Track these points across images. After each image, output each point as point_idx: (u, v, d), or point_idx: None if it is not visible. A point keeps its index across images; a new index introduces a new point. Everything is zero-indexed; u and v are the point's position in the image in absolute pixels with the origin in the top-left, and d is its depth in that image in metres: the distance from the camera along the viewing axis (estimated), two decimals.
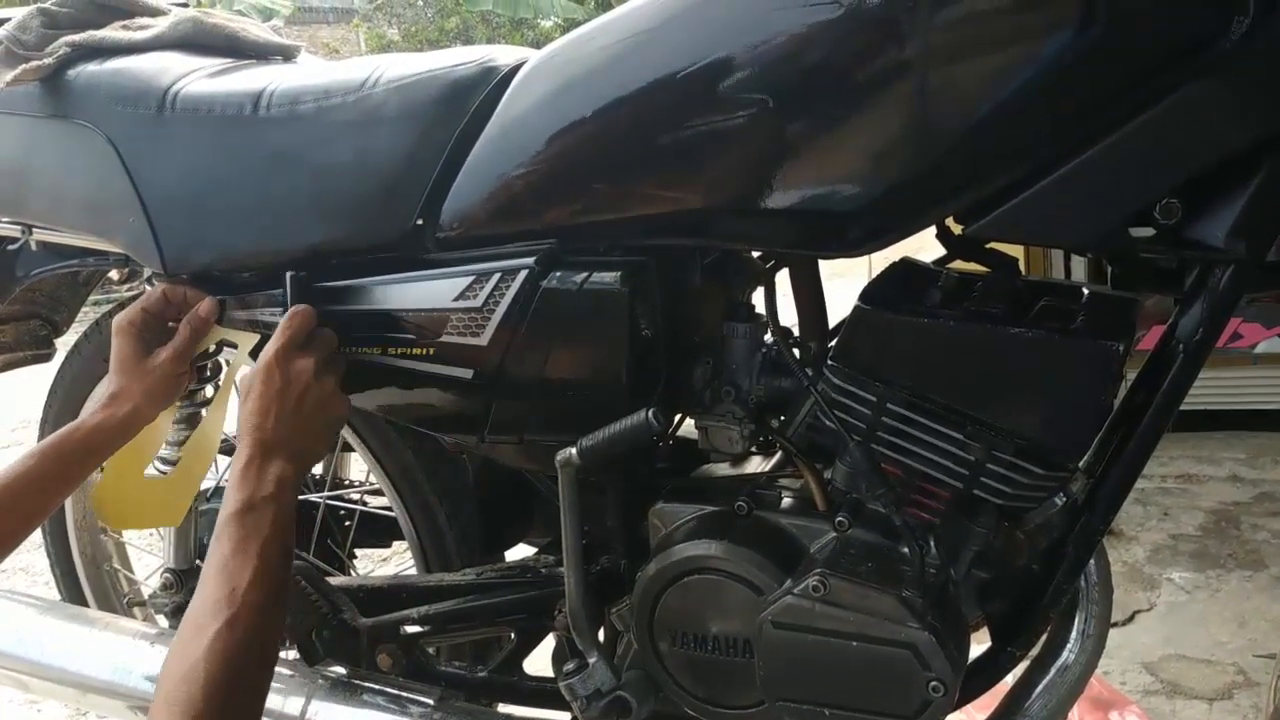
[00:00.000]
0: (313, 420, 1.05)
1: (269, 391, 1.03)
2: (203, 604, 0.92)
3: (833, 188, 0.93)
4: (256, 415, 1.03)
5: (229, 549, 0.95)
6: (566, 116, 1.00)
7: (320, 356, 1.07)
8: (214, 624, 0.89)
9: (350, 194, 1.11)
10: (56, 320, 1.63)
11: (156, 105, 1.20)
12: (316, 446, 1.07)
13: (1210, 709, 1.89)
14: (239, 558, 0.94)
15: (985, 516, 0.98)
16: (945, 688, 0.93)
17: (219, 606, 0.90)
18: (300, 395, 1.04)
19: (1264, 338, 2.88)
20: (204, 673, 0.86)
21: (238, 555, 0.94)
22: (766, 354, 1.10)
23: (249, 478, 0.99)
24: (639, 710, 1.07)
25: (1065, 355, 0.93)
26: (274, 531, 0.97)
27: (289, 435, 1.03)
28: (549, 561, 1.28)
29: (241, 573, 0.93)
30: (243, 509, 0.97)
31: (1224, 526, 2.58)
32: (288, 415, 1.03)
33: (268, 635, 0.93)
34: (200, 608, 0.92)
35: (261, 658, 0.92)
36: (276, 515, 0.98)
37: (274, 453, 1.01)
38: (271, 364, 1.05)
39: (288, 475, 1.01)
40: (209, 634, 0.88)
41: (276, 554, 0.96)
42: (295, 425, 1.03)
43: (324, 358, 1.07)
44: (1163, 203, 0.85)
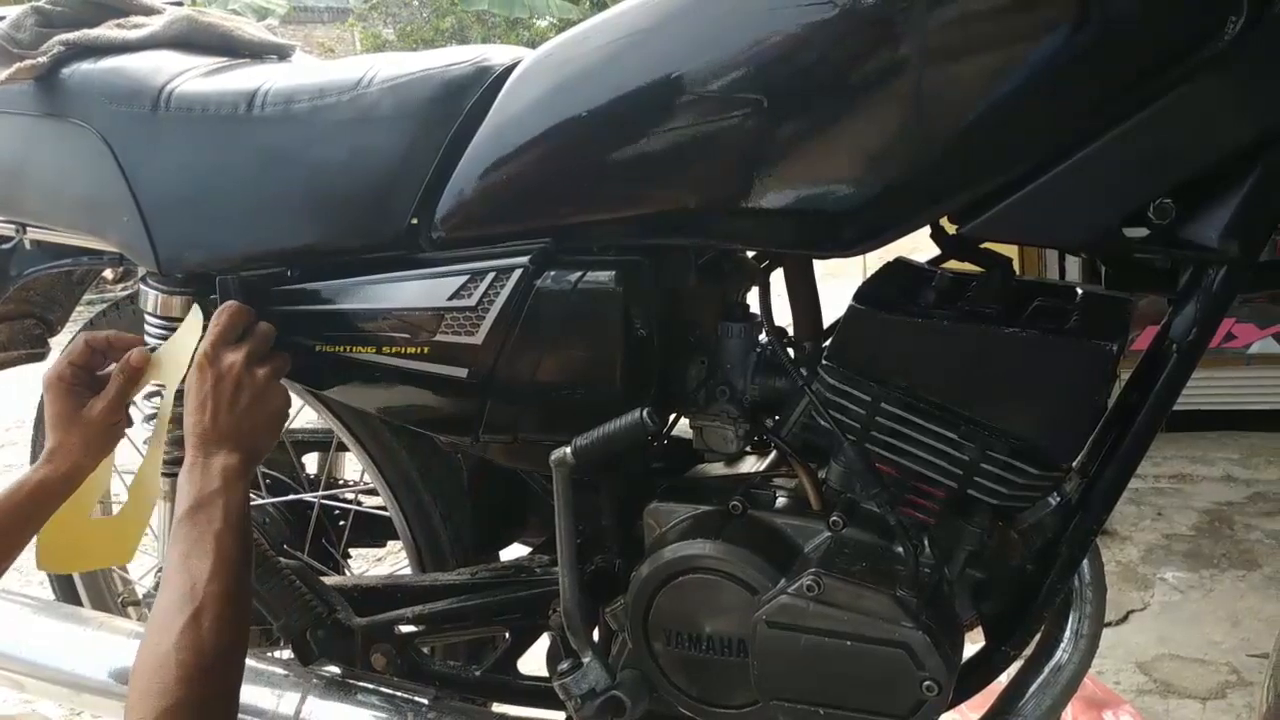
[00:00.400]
0: (251, 413, 1.05)
1: (203, 389, 1.05)
2: (167, 602, 0.94)
3: (827, 187, 0.93)
4: (195, 414, 1.05)
5: (185, 547, 0.97)
6: (561, 116, 1.00)
7: (252, 349, 1.07)
8: (180, 618, 0.91)
9: (345, 193, 1.11)
10: (51, 319, 1.62)
11: (151, 104, 1.19)
12: (260, 439, 1.07)
13: (1204, 708, 1.89)
14: (196, 553, 0.96)
15: (979, 516, 0.99)
16: (939, 687, 0.93)
17: (183, 601, 0.93)
18: (234, 389, 1.05)
19: (1258, 338, 2.89)
20: (176, 663, 0.89)
21: (194, 551, 0.96)
22: (761, 353, 1.10)
23: (195, 475, 1.01)
24: (633, 710, 1.07)
25: (1059, 355, 0.93)
26: (227, 523, 0.98)
27: (230, 430, 1.04)
28: (543, 561, 1.28)
29: (200, 567, 0.95)
30: (194, 506, 0.99)
31: (1218, 526, 2.59)
32: (224, 410, 1.04)
33: (235, 623, 0.95)
34: (164, 606, 0.94)
35: (231, 643, 0.94)
36: (227, 507, 0.99)
37: (217, 448, 1.03)
38: (203, 362, 1.06)
39: (233, 467, 1.02)
40: (176, 628, 0.91)
41: (232, 544, 0.98)
42: (234, 419, 1.04)
43: (256, 350, 1.08)
44: (1157, 203, 0.85)
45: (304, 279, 1.17)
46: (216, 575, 0.94)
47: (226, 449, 1.03)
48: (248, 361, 1.06)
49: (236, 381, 1.05)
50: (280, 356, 1.11)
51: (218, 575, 0.94)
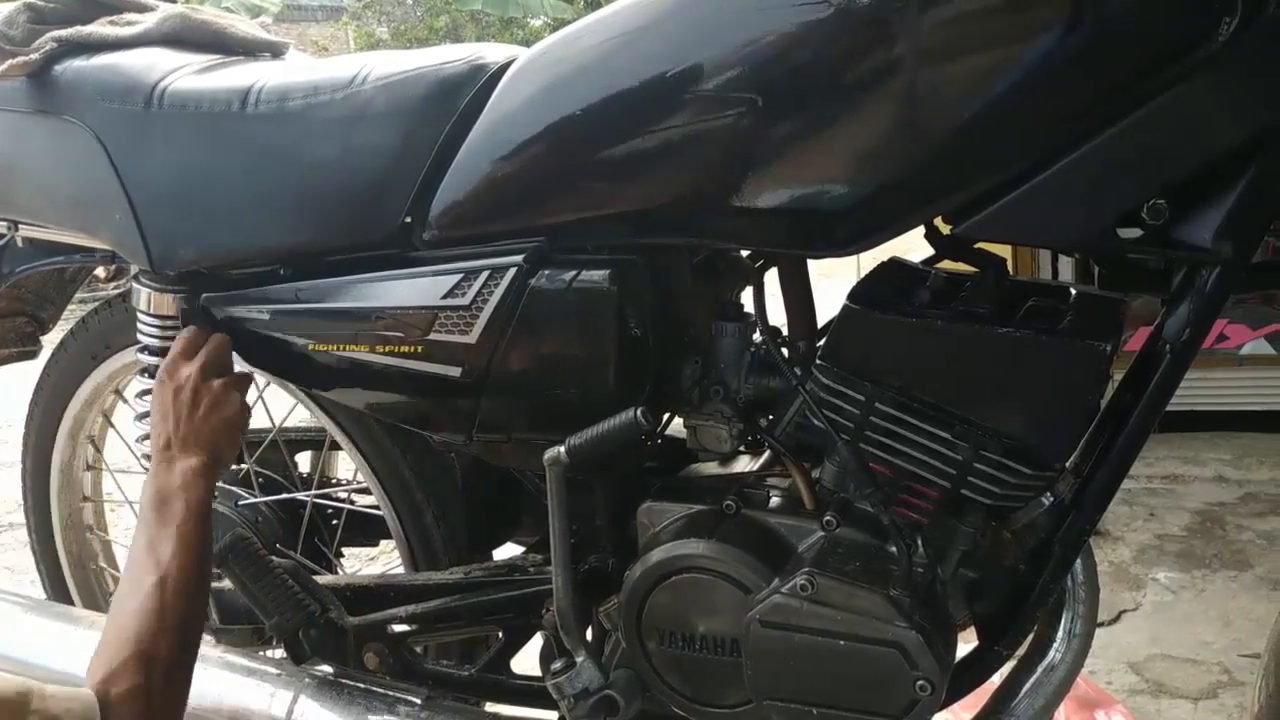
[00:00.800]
0: (209, 419, 1.14)
1: (164, 400, 1.15)
2: (133, 572, 1.05)
3: (822, 187, 0.93)
4: (159, 424, 1.15)
5: (150, 532, 1.07)
6: (556, 114, 1.00)
7: (206, 361, 1.16)
8: (144, 585, 1.02)
9: (338, 191, 1.11)
10: (43, 317, 1.62)
11: (144, 101, 1.19)
12: (221, 444, 1.15)
13: (1195, 708, 1.90)
14: (160, 539, 1.06)
15: (973, 516, 0.99)
16: (932, 687, 0.93)
17: (147, 570, 1.03)
18: (192, 398, 1.13)
19: (1250, 339, 2.90)
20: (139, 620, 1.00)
21: (159, 538, 1.06)
22: (755, 353, 1.09)
23: (159, 477, 1.11)
24: (626, 709, 1.07)
25: (1053, 355, 0.93)
26: (187, 515, 1.08)
27: (190, 435, 1.13)
28: (537, 560, 1.28)
29: (164, 547, 1.05)
30: (158, 500, 1.09)
31: (1209, 527, 2.59)
32: (184, 418, 1.13)
33: (194, 597, 1.05)
34: (131, 576, 1.04)
35: (190, 612, 1.04)
36: (189, 502, 1.09)
37: (180, 452, 1.12)
38: (163, 376, 1.16)
39: (194, 468, 1.11)
40: (144, 589, 1.02)
41: (193, 533, 1.07)
42: (194, 426, 1.13)
43: (211, 362, 1.16)
44: (1150, 203, 0.85)
45: (297, 277, 1.17)
46: (178, 554, 1.04)
47: (189, 453, 1.12)
48: (203, 373, 1.15)
49: (194, 392, 1.14)
50: (238, 373, 1.20)
51: (179, 554, 1.04)
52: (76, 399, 1.59)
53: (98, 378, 1.55)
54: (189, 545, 1.06)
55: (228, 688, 1.26)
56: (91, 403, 1.60)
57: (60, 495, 1.67)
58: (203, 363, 1.16)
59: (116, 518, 2.11)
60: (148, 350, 1.31)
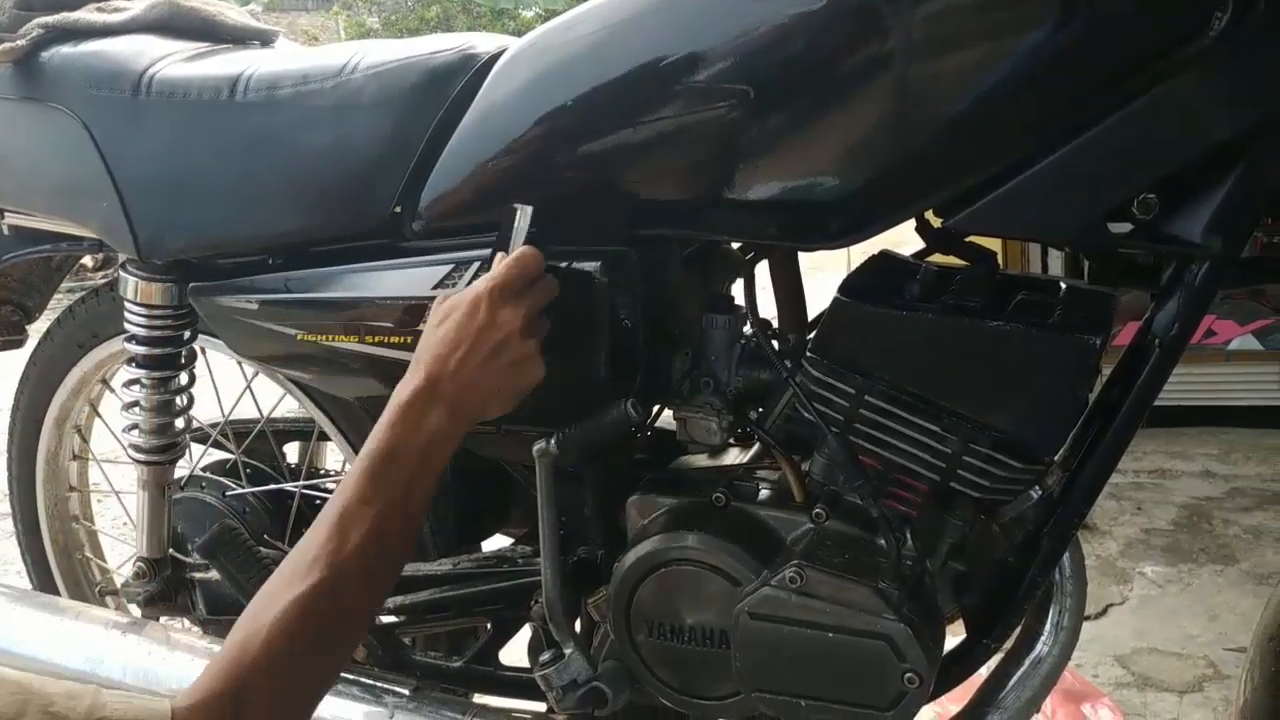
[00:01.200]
0: (500, 377, 0.92)
1: (468, 327, 0.91)
2: (305, 551, 0.86)
3: (813, 180, 0.93)
4: (442, 347, 0.91)
5: (352, 494, 0.87)
6: (546, 104, 0.99)
7: (533, 308, 0.94)
8: (304, 582, 0.84)
9: (328, 180, 1.11)
10: (29, 306, 1.61)
11: (131, 88, 1.18)
12: (490, 407, 0.94)
13: (1181, 701, 1.91)
14: (356, 509, 0.86)
15: (961, 509, 0.99)
16: (920, 679, 0.93)
17: (315, 564, 0.84)
18: (498, 343, 0.91)
19: (1237, 335, 2.91)
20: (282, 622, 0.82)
21: (356, 505, 0.87)
22: (745, 346, 1.09)
23: (407, 418, 0.89)
24: (615, 700, 1.07)
25: (1042, 349, 0.93)
26: (402, 491, 0.88)
27: (467, 384, 0.91)
28: (525, 552, 1.28)
29: (354, 529, 0.85)
30: (384, 455, 0.88)
31: (1196, 521, 2.60)
32: (476, 360, 0.91)
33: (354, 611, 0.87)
34: (302, 553, 0.86)
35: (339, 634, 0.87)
36: (414, 476, 0.89)
37: (443, 398, 0.90)
38: (481, 298, 0.92)
39: (445, 429, 0.90)
40: (292, 593, 0.83)
41: (398, 518, 0.88)
42: (479, 375, 0.91)
43: (536, 311, 0.95)
44: (1141, 198, 0.85)
45: (286, 267, 1.16)
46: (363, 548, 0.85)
47: (449, 405, 0.90)
48: (526, 323, 0.93)
49: (505, 337, 0.92)
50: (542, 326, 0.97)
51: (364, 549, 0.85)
52: (63, 388, 1.58)
53: (84, 367, 1.55)
54: (387, 533, 0.86)
55: None
56: (78, 392, 1.59)
57: (46, 485, 1.67)
58: (530, 310, 0.93)
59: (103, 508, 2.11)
60: (135, 339, 1.31)
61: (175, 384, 1.35)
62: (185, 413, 1.38)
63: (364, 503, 0.87)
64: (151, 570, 1.40)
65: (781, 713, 1.00)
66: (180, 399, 1.36)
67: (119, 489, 1.76)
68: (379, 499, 0.87)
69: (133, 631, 1.34)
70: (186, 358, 1.36)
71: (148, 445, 1.36)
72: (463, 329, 0.91)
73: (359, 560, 0.85)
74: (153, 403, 1.34)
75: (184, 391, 1.37)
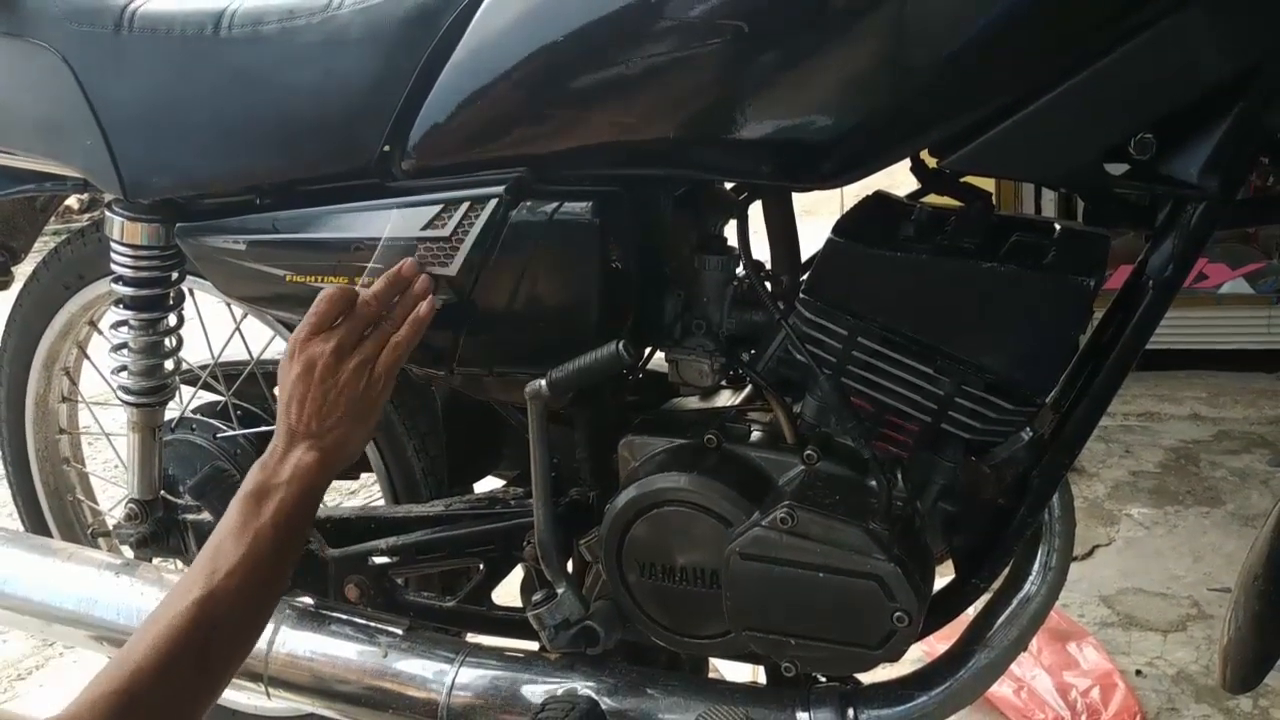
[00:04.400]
0: (335, 409, 0.99)
1: (291, 377, 1.00)
2: (191, 573, 0.93)
3: (807, 118, 0.92)
4: (282, 403, 1.01)
5: (229, 527, 0.95)
6: (537, 40, 0.97)
7: (343, 339, 1.00)
8: (186, 597, 0.90)
9: (315, 118, 1.09)
10: (14, 247, 1.59)
11: (113, 24, 1.16)
12: (343, 436, 1.00)
13: (1164, 640, 1.94)
14: (231, 540, 0.94)
15: (952, 450, 0.99)
16: (910, 619, 0.94)
17: (196, 583, 0.91)
18: (319, 382, 0.99)
19: (1229, 278, 2.91)
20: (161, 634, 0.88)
21: (231, 537, 0.94)
22: (738, 287, 1.09)
23: (266, 465, 0.99)
24: (606, 639, 1.08)
25: (1037, 290, 0.93)
26: (273, 521, 0.95)
27: (312, 425, 0.99)
28: (518, 493, 1.28)
29: (229, 556, 0.93)
30: (253, 492, 0.97)
31: (1183, 464, 2.63)
32: (308, 404, 0.99)
33: (234, 624, 0.92)
34: (189, 575, 0.93)
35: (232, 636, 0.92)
36: (281, 504, 0.96)
37: (296, 442, 0.99)
38: (295, 349, 1.01)
39: (307, 464, 0.98)
40: (185, 602, 0.90)
41: (268, 545, 0.94)
42: (317, 414, 0.99)
43: (347, 340, 1.00)
44: (1138, 137, 0.84)
45: (274, 207, 1.15)
46: (238, 571, 0.92)
47: (306, 445, 0.99)
48: (337, 352, 0.99)
49: (323, 374, 0.99)
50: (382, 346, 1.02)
51: (238, 571, 0.92)
52: (50, 330, 1.57)
53: (71, 309, 1.53)
54: (256, 561, 0.92)
55: None
56: (66, 334, 1.58)
57: (36, 428, 1.66)
58: (339, 339, 0.99)
59: (94, 450, 2.11)
60: (121, 280, 1.30)
61: (163, 325, 1.34)
62: (174, 354, 1.37)
63: (237, 534, 0.94)
64: (143, 512, 1.40)
65: (771, 651, 1.01)
66: (169, 341, 1.35)
67: (109, 431, 1.75)
68: (250, 531, 0.94)
69: (125, 573, 1.34)
70: (174, 299, 1.35)
71: (137, 387, 1.35)
72: (289, 381, 1.00)
73: (233, 585, 0.92)
74: (141, 344, 1.33)
75: (172, 333, 1.36)
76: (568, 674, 1.12)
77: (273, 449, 1.00)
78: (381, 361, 1.02)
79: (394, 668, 1.19)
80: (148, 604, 1.29)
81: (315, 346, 1.00)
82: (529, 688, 1.12)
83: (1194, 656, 1.88)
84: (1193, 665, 1.86)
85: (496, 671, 1.15)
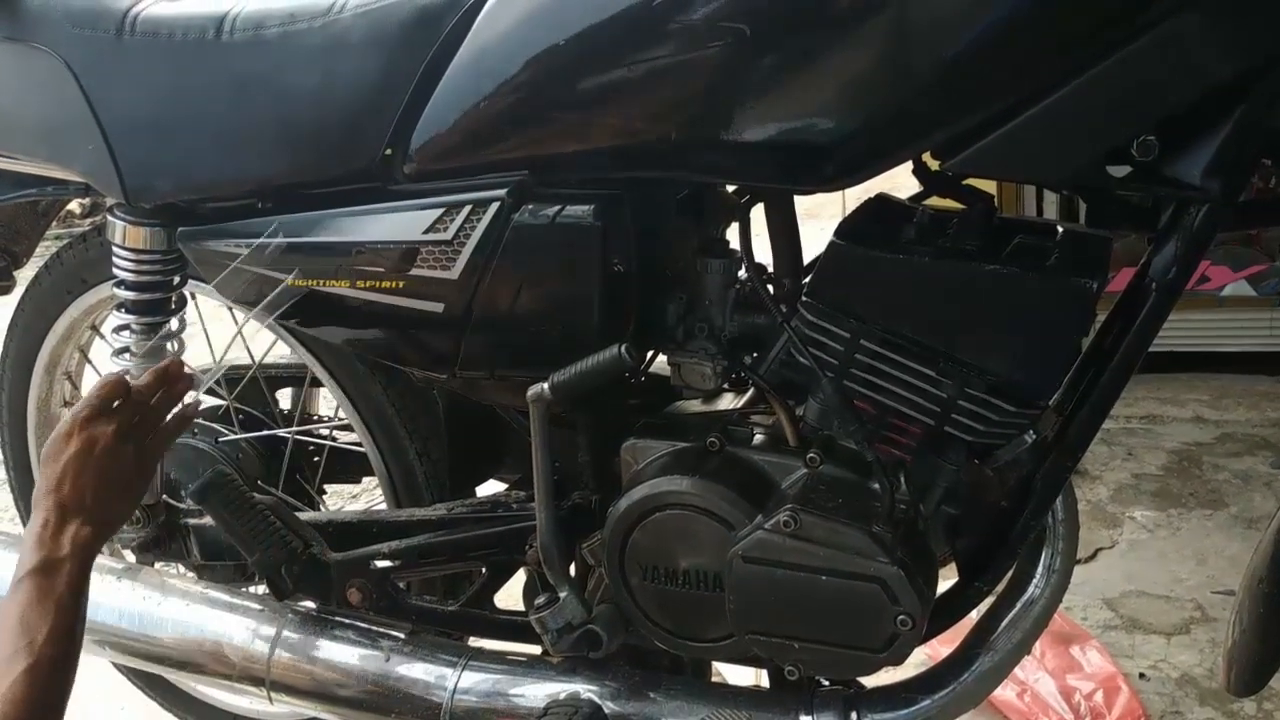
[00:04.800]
0: (111, 486, 1.05)
1: (66, 455, 1.04)
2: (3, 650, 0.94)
3: (809, 121, 0.92)
4: (54, 479, 1.04)
5: (26, 601, 0.96)
6: (539, 43, 0.97)
7: (122, 422, 1.07)
8: (13, 670, 0.91)
9: (317, 122, 1.09)
10: (16, 251, 1.59)
11: (115, 28, 1.16)
12: (115, 511, 1.07)
13: (1168, 643, 1.93)
14: (36, 612, 0.95)
15: (955, 453, 0.99)
16: (913, 622, 0.94)
17: (18, 655, 0.92)
18: (98, 460, 1.04)
19: (1231, 280, 2.90)
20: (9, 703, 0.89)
21: (34, 609, 0.96)
22: (740, 290, 1.09)
23: (44, 540, 1.01)
24: (609, 643, 1.08)
25: (1039, 292, 0.93)
26: (70, 589, 0.98)
27: (87, 500, 1.03)
28: (520, 497, 1.28)
29: (40, 626, 0.94)
30: (40, 567, 0.98)
31: (1186, 466, 2.62)
32: (85, 480, 1.03)
33: (60, 688, 0.94)
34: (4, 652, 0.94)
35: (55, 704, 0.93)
36: (71, 575, 0.99)
37: (71, 516, 1.02)
38: (72, 429, 1.05)
39: (84, 538, 1.01)
40: (8, 680, 0.90)
41: (70, 613, 0.97)
42: (94, 490, 1.04)
43: (125, 422, 1.07)
44: (1140, 139, 0.84)
45: (275, 210, 1.15)
46: (51, 639, 0.94)
47: (80, 519, 1.02)
48: (119, 435, 1.06)
49: (102, 453, 1.05)
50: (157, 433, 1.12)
51: (52, 639, 0.94)
52: (52, 334, 1.57)
53: (73, 313, 1.53)
54: (65, 627, 0.96)
55: (210, 624, 1.26)
56: (68, 338, 1.58)
57: (38, 432, 1.66)
58: (120, 423, 1.07)
59: None
60: (123, 284, 1.29)
61: (165, 330, 1.34)
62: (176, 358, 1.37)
63: (39, 605, 0.96)
64: (145, 516, 1.40)
65: (774, 654, 1.01)
66: (171, 345, 1.35)
67: None
68: (50, 601, 0.96)
69: (127, 577, 1.34)
70: (176, 303, 1.35)
71: None
72: (63, 459, 1.04)
73: (57, 652, 0.94)
74: (143, 348, 1.33)
75: (174, 337, 1.36)
76: (570, 678, 1.11)
77: (44, 523, 1.01)
78: (152, 445, 1.11)
79: (396, 672, 1.18)
80: (149, 608, 1.29)
81: (98, 427, 1.05)
82: (531, 692, 1.12)
83: (1198, 659, 1.87)
84: (1197, 668, 1.85)
85: (499, 676, 1.15)
